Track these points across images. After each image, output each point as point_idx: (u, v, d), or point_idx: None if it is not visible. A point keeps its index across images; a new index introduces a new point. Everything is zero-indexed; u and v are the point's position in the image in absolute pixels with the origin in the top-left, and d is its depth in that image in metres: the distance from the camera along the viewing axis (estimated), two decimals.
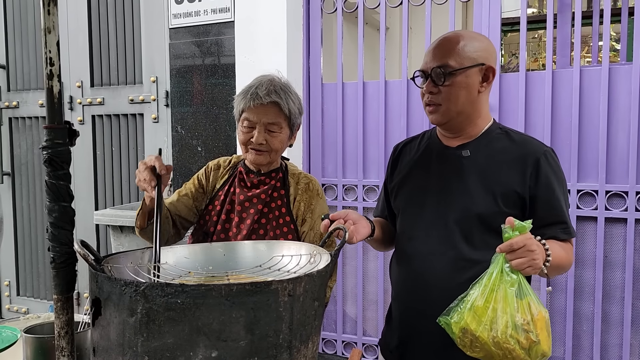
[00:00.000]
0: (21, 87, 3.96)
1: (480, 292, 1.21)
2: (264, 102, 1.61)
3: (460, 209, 1.47)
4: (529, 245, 1.22)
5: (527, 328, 1.19)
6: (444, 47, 1.47)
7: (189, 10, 3.20)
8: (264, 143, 1.62)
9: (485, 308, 1.20)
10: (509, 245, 1.21)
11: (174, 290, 0.91)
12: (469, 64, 1.44)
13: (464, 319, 1.21)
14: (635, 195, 2.48)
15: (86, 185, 3.69)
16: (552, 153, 1.49)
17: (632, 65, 2.48)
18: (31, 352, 1.25)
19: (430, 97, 1.47)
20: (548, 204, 1.45)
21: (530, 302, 1.22)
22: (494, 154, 1.49)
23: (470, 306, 1.22)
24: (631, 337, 2.55)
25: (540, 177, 1.44)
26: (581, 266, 2.62)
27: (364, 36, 2.99)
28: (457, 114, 1.47)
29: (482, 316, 1.20)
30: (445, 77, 1.44)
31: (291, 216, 1.69)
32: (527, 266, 1.23)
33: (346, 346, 3.13)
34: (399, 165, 1.66)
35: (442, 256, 1.48)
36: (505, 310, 1.19)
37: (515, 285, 1.21)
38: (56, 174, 1.06)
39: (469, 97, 1.46)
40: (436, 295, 1.46)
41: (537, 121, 2.65)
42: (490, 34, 2.70)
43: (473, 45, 1.46)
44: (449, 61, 1.44)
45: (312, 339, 1.05)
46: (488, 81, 1.48)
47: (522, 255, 1.22)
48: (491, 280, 1.22)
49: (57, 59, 1.05)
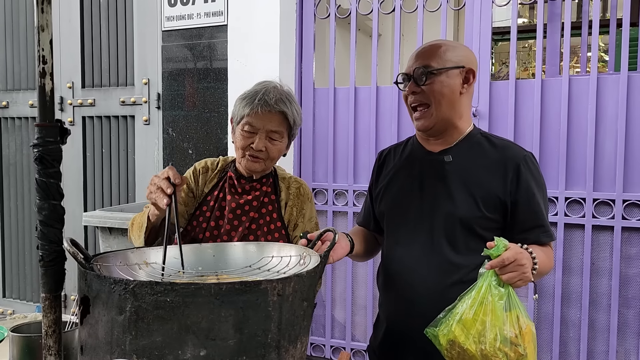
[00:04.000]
0: (11, 87, 3.94)
1: (470, 305, 1.22)
2: (272, 110, 1.59)
3: (443, 213, 1.48)
4: (519, 260, 1.24)
5: (515, 341, 1.20)
6: (425, 52, 1.51)
7: (182, 13, 3.21)
8: (263, 150, 1.60)
9: (474, 321, 1.21)
10: (501, 261, 1.23)
11: (163, 289, 0.91)
12: (450, 66, 1.48)
13: (452, 331, 1.22)
14: (622, 204, 2.51)
15: (75, 186, 3.67)
16: (532, 157, 1.52)
17: (620, 75, 2.52)
18: (18, 351, 1.24)
19: (414, 97, 1.50)
20: (529, 208, 1.47)
21: (518, 315, 1.23)
22: (475, 158, 1.51)
23: (459, 318, 1.22)
24: (617, 344, 2.57)
25: (521, 181, 1.46)
26: (568, 273, 2.65)
27: (356, 42, 3.01)
28: (442, 114, 1.49)
29: (471, 329, 1.21)
30: (427, 76, 1.47)
31: (282, 221, 1.68)
32: (518, 279, 1.25)
33: (334, 351, 3.13)
34: (383, 171, 1.68)
35: (426, 260, 1.49)
36: (494, 323, 1.20)
37: (504, 298, 1.22)
38: (46, 172, 1.05)
39: (451, 96, 1.49)
40: (422, 299, 1.48)
41: (526, 129, 2.68)
42: (481, 42, 2.73)
43: (454, 51, 1.51)
44: (430, 62, 1.48)
45: (301, 340, 1.05)
46: (469, 83, 1.51)
47: (513, 270, 1.24)
48: (480, 293, 1.23)
49: (50, 57, 1.05)
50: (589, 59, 2.73)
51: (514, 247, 1.26)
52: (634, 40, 2.82)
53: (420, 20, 2.86)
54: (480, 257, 1.46)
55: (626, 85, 2.49)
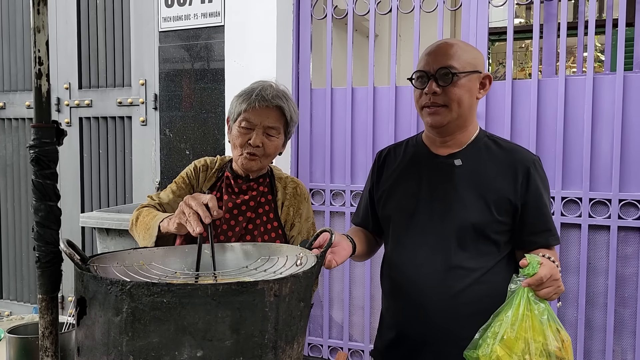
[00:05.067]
0: (8, 88, 3.93)
1: (510, 323, 1.22)
2: (269, 105, 1.60)
3: (455, 218, 1.47)
4: (554, 275, 1.27)
5: (559, 355, 1.22)
6: (445, 51, 1.49)
7: (179, 14, 3.21)
8: (260, 146, 1.60)
9: (517, 339, 1.21)
10: (539, 279, 1.24)
11: (160, 290, 0.91)
12: (470, 69, 1.47)
13: (495, 352, 1.22)
14: (618, 203, 2.52)
15: (72, 187, 3.66)
16: (540, 161, 1.53)
17: (616, 75, 2.52)
18: (15, 352, 1.24)
19: (433, 98, 1.47)
20: (538, 211, 1.47)
21: (558, 327, 1.24)
22: (484, 162, 1.51)
23: (500, 338, 1.22)
24: (614, 344, 2.58)
25: (531, 185, 1.47)
26: (565, 272, 2.65)
27: (353, 42, 3.01)
28: (458, 116, 1.48)
29: (514, 347, 1.21)
30: (452, 77, 1.45)
31: (279, 221, 1.68)
32: (554, 293, 1.28)
33: (332, 351, 3.13)
34: (384, 173, 1.66)
35: (436, 264, 1.48)
36: (536, 339, 1.21)
37: (546, 314, 1.24)
38: (43, 173, 1.05)
39: (470, 100, 1.49)
40: (434, 304, 1.47)
41: (522, 129, 2.69)
42: (478, 42, 2.74)
43: (470, 53, 1.50)
44: (453, 63, 1.46)
45: (298, 340, 1.05)
46: (485, 88, 1.52)
47: (549, 285, 1.26)
48: (519, 311, 1.23)
49: (46, 58, 1.05)
50: (585, 59, 2.75)
51: (548, 263, 1.28)
52: (629, 40, 2.83)
53: (417, 21, 2.86)
54: (492, 259, 1.47)
55: (622, 85, 2.50)
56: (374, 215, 1.69)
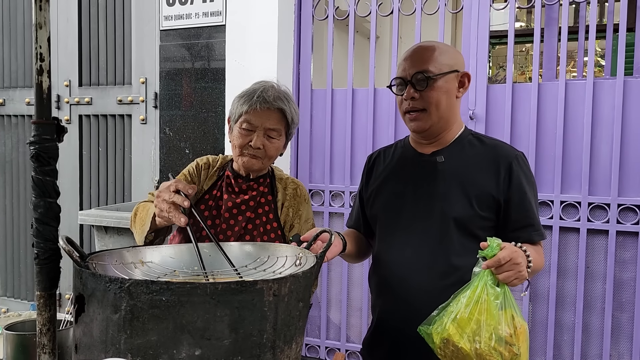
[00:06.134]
0: (8, 85, 3.93)
1: (465, 304, 1.22)
2: (271, 107, 1.60)
3: (437, 214, 1.49)
4: (515, 259, 1.25)
5: (509, 341, 1.21)
6: (420, 55, 1.51)
7: (180, 13, 3.20)
8: (261, 148, 1.60)
9: (469, 320, 1.21)
10: (497, 261, 1.23)
11: (159, 288, 0.91)
12: (447, 70, 1.49)
13: (446, 330, 1.22)
14: (616, 208, 2.52)
15: (71, 185, 3.66)
16: (523, 157, 1.53)
17: (616, 80, 2.53)
18: (12, 349, 1.24)
19: (412, 103, 1.49)
20: (521, 207, 1.48)
21: (513, 314, 1.23)
22: (467, 158, 1.52)
23: (454, 317, 1.22)
24: (611, 348, 2.58)
25: (513, 180, 1.47)
26: (563, 276, 2.66)
27: (354, 44, 3.01)
28: (438, 119, 1.50)
29: (466, 328, 1.21)
30: (427, 81, 1.47)
31: (278, 222, 1.68)
32: (514, 278, 1.25)
33: (329, 352, 3.13)
34: (373, 174, 1.68)
35: (422, 263, 1.49)
36: (489, 323, 1.20)
37: (500, 298, 1.23)
38: (43, 170, 1.05)
39: (449, 101, 1.50)
40: (419, 302, 1.47)
41: (522, 132, 2.69)
42: (479, 45, 2.74)
43: (447, 53, 1.52)
44: (428, 67, 1.48)
45: (296, 340, 1.05)
46: (464, 87, 1.53)
47: (509, 269, 1.24)
48: (476, 292, 1.23)
49: (48, 54, 1.05)
50: (586, 64, 2.75)
51: (509, 247, 1.26)
52: (630, 45, 2.83)
53: (418, 23, 2.86)
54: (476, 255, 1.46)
55: (622, 90, 2.50)
56: (364, 217, 1.70)
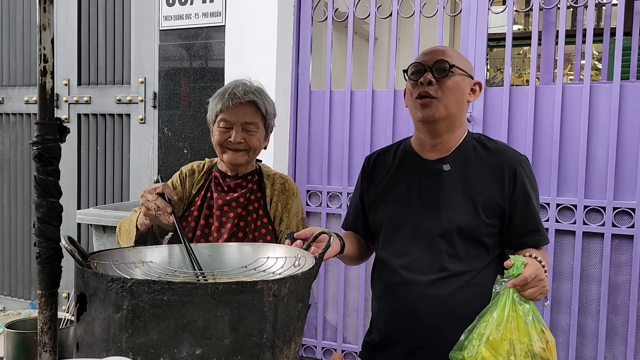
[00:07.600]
0: (6, 83, 3.92)
1: (495, 325, 1.23)
2: (242, 101, 1.65)
3: (444, 222, 1.49)
4: (539, 275, 1.27)
5: (543, 356, 1.22)
6: (443, 50, 1.54)
7: (179, 13, 3.21)
8: (242, 142, 1.65)
9: (502, 340, 1.22)
10: (523, 280, 1.25)
11: (161, 287, 0.92)
12: (465, 70, 1.52)
13: (480, 353, 1.22)
14: (612, 211, 2.54)
15: (69, 184, 3.66)
16: (527, 161, 1.54)
17: (613, 83, 2.55)
18: (13, 347, 1.24)
19: (427, 88, 1.48)
20: (526, 212, 1.49)
21: (542, 328, 1.25)
22: (472, 165, 1.52)
23: (486, 340, 1.23)
24: (605, 350, 2.60)
25: (517, 185, 1.48)
26: (558, 279, 2.67)
27: (353, 45, 3.03)
28: (447, 113, 1.50)
29: (499, 349, 1.21)
30: (448, 70, 1.48)
31: (269, 217, 1.71)
32: (539, 294, 1.28)
33: (326, 352, 3.14)
34: (375, 178, 1.66)
35: (426, 268, 1.49)
36: (522, 340, 1.21)
37: (530, 315, 1.24)
38: (45, 170, 1.06)
39: (461, 98, 1.52)
40: (424, 309, 1.48)
41: (519, 135, 2.71)
42: (477, 48, 2.76)
43: (465, 60, 1.56)
44: (450, 60, 1.50)
45: (295, 340, 1.06)
46: (475, 94, 1.56)
47: (534, 285, 1.27)
48: (505, 312, 1.24)
49: (52, 56, 1.06)
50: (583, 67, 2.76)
51: (532, 263, 1.28)
52: (627, 49, 2.85)
53: (417, 26, 2.88)
54: (482, 262, 1.48)
55: (619, 93, 2.52)
56: (364, 220, 1.70)
